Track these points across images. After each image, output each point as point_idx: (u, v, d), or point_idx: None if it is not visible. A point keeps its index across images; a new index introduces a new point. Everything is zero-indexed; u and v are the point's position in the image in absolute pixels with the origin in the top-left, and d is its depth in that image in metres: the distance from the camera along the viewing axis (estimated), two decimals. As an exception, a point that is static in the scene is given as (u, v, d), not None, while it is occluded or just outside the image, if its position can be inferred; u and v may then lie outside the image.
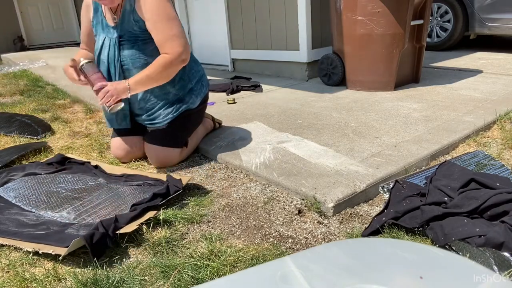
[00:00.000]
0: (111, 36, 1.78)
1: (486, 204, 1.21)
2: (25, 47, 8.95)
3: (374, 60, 2.79)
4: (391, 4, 2.61)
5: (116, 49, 1.77)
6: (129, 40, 1.76)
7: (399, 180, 1.47)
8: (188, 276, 1.09)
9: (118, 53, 1.77)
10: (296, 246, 1.25)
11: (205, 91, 1.98)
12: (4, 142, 2.37)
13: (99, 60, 1.83)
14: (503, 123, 2.08)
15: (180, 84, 1.84)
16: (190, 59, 1.92)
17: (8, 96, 3.73)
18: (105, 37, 1.80)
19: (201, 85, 1.95)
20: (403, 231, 1.24)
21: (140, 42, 1.75)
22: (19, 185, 1.70)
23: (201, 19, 4.63)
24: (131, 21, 1.72)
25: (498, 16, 4.10)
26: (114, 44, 1.77)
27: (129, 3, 1.71)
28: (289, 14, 3.42)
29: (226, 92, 3.18)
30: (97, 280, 1.09)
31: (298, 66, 3.55)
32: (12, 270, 1.18)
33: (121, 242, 1.29)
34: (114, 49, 1.77)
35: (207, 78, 2.04)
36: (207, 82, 2.03)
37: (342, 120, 2.26)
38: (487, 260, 1.03)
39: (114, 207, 1.50)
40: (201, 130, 2.09)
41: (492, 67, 3.46)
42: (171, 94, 1.83)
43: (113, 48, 1.77)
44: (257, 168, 1.71)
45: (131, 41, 1.76)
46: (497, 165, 1.59)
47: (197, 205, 1.51)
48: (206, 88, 1.99)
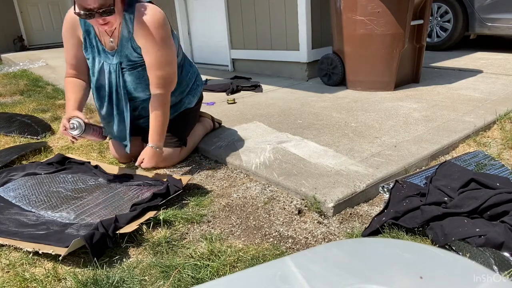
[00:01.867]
0: (110, 62, 1.71)
1: (486, 204, 1.21)
2: (25, 47, 8.96)
3: (374, 60, 2.79)
4: (391, 4, 2.60)
5: (119, 76, 1.71)
6: (129, 66, 1.71)
7: (399, 180, 1.47)
8: (188, 276, 1.09)
9: (122, 79, 1.72)
10: (296, 246, 1.25)
11: (200, 90, 2.00)
12: (4, 142, 2.37)
13: (97, 84, 1.77)
14: (503, 123, 2.08)
15: (179, 91, 1.87)
16: (185, 62, 1.91)
17: (8, 96, 3.73)
18: (102, 62, 1.72)
19: (197, 85, 1.98)
20: (403, 231, 1.23)
21: (139, 67, 1.72)
22: (19, 185, 1.71)
23: (201, 19, 4.63)
24: (129, 48, 1.67)
25: (498, 16, 4.10)
26: (115, 71, 1.71)
27: (127, 30, 1.64)
28: (289, 14, 3.42)
29: (226, 92, 3.18)
30: (97, 280, 1.09)
31: (298, 66, 3.55)
32: (12, 270, 1.18)
33: (121, 242, 1.29)
34: (116, 76, 1.71)
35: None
36: (201, 80, 2.04)
37: (342, 120, 2.26)
38: (487, 260, 1.03)
39: (114, 207, 1.50)
40: (200, 130, 2.09)
41: (492, 67, 3.46)
42: (171, 101, 1.85)
43: (115, 75, 1.71)
44: (257, 168, 1.71)
45: (131, 67, 1.71)
46: (497, 165, 1.59)
47: (197, 205, 1.51)
48: (201, 86, 2.01)
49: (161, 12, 1.65)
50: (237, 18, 4.01)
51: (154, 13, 1.62)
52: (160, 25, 1.62)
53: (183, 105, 1.89)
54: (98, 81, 1.76)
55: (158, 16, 1.62)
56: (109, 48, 1.70)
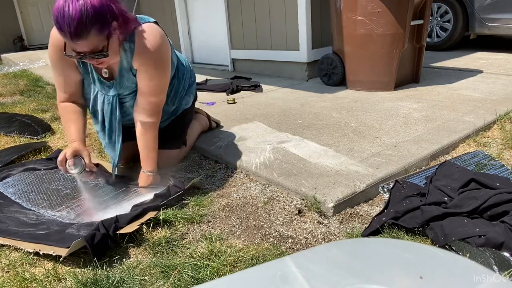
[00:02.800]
0: (105, 93, 1.59)
1: (486, 204, 1.21)
2: (25, 47, 8.95)
3: (374, 60, 2.79)
4: (391, 4, 2.60)
5: (115, 108, 1.60)
6: (129, 94, 1.61)
7: (399, 180, 1.47)
8: (188, 276, 1.09)
9: (119, 111, 1.61)
10: (296, 246, 1.25)
11: (194, 87, 1.95)
12: (4, 142, 2.37)
13: (92, 109, 1.68)
14: (503, 123, 2.08)
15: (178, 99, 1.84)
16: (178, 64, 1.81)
17: (8, 96, 3.73)
18: (97, 90, 1.62)
19: (191, 82, 1.93)
20: (403, 231, 1.23)
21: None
22: (18, 181, 1.70)
23: (201, 19, 4.63)
24: (131, 78, 1.55)
25: (498, 16, 4.10)
26: (110, 103, 1.60)
27: (126, 60, 1.51)
28: (289, 14, 3.42)
29: (226, 92, 3.18)
30: (97, 280, 1.09)
31: (298, 66, 3.55)
32: (12, 270, 1.18)
33: (121, 242, 1.29)
34: (112, 108, 1.60)
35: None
36: (194, 76, 1.97)
37: (342, 120, 2.26)
38: (487, 260, 1.03)
39: (114, 208, 1.50)
40: (196, 127, 2.09)
41: (492, 67, 3.46)
42: (171, 110, 1.84)
43: (110, 107, 1.60)
44: (257, 168, 1.71)
45: (131, 94, 1.61)
46: (497, 165, 1.59)
47: (197, 205, 1.51)
48: (194, 83, 1.95)
49: (161, 35, 1.51)
50: (237, 18, 4.01)
51: (155, 39, 1.48)
52: (159, 53, 1.50)
53: (181, 108, 1.88)
54: (93, 107, 1.67)
55: (158, 43, 1.49)
56: (106, 78, 1.58)
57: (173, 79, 1.78)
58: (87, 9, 1.25)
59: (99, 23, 1.29)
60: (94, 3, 1.27)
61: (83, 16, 1.25)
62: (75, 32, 1.26)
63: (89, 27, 1.27)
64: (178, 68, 1.81)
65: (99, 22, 1.29)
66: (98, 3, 1.28)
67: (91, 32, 1.28)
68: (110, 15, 1.32)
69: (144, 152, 1.62)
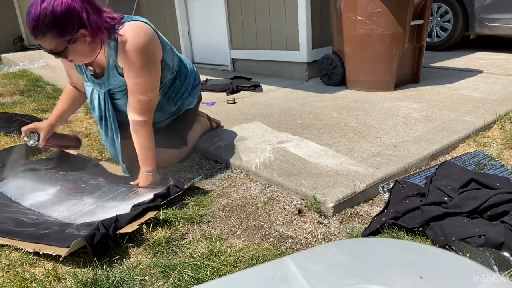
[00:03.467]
0: (98, 90, 1.65)
1: (486, 204, 1.21)
2: (25, 47, 8.96)
3: (374, 60, 2.79)
4: (391, 4, 2.60)
5: (108, 104, 1.66)
6: (120, 91, 1.65)
7: (399, 180, 1.47)
8: (188, 276, 1.09)
9: (112, 107, 1.66)
10: (296, 246, 1.25)
11: (199, 89, 1.97)
12: (4, 142, 2.36)
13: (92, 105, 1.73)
14: (503, 123, 2.08)
15: (180, 100, 1.85)
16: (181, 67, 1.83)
17: (8, 96, 3.73)
18: (92, 88, 1.68)
19: (196, 84, 1.95)
20: (403, 231, 1.23)
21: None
22: (18, 181, 1.70)
23: (201, 19, 4.63)
24: (116, 75, 1.58)
25: (498, 16, 4.10)
26: (103, 99, 1.66)
27: (112, 58, 1.53)
28: (289, 14, 3.42)
29: (226, 92, 3.18)
30: (97, 280, 1.09)
31: (298, 66, 3.55)
32: (12, 270, 1.18)
33: (121, 242, 1.29)
34: (105, 104, 1.66)
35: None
36: (199, 78, 2.00)
37: (342, 120, 2.26)
38: (487, 260, 1.03)
39: (115, 208, 1.50)
40: (198, 129, 2.09)
41: (492, 67, 3.46)
42: (173, 110, 1.84)
43: (104, 102, 1.66)
44: (257, 168, 1.71)
45: (122, 92, 1.65)
46: (497, 165, 1.59)
47: (197, 205, 1.51)
48: (199, 85, 1.98)
49: (146, 33, 1.51)
50: (237, 18, 4.01)
51: (137, 37, 1.48)
52: (142, 50, 1.49)
53: (183, 108, 1.89)
54: (91, 103, 1.73)
55: (140, 40, 1.48)
56: (95, 75, 1.62)
57: (175, 80, 1.80)
58: (46, 13, 1.31)
59: (57, 28, 1.34)
60: (55, 9, 1.32)
61: (40, 20, 1.32)
62: (31, 32, 1.36)
63: (44, 30, 1.34)
64: (181, 70, 1.83)
65: (56, 28, 1.34)
66: (61, 10, 1.33)
67: (46, 34, 1.35)
68: (75, 22, 1.37)
69: (141, 152, 1.63)
